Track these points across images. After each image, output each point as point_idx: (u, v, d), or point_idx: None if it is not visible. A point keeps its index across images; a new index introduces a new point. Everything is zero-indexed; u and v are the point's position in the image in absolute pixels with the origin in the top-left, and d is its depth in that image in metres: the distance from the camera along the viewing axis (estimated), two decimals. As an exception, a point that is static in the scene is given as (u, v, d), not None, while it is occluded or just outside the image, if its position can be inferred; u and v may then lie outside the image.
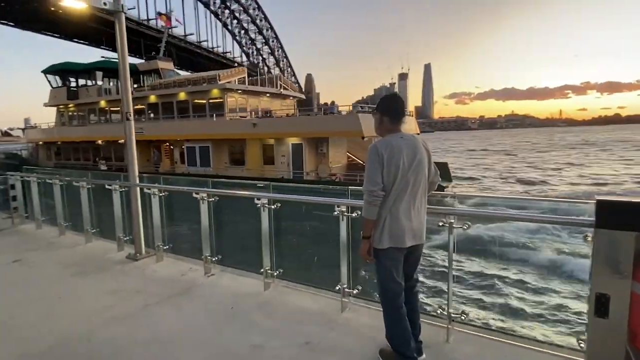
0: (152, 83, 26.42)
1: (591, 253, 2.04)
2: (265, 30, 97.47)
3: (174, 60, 32.08)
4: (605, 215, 1.98)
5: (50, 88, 30.67)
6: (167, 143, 24.67)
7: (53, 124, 31.82)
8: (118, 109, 27.10)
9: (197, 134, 21.83)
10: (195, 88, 22.83)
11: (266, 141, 20.03)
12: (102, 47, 53.90)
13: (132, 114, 4.98)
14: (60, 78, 30.18)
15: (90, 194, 5.93)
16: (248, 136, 20.13)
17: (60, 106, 30.55)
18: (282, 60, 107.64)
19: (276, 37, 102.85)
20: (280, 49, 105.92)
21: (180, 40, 60.39)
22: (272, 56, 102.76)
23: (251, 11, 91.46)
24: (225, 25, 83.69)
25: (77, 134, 28.82)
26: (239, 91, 22.85)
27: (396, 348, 2.43)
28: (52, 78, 30.35)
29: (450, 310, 2.80)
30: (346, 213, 3.19)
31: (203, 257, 4.33)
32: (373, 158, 2.33)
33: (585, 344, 2.23)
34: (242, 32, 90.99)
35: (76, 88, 30.00)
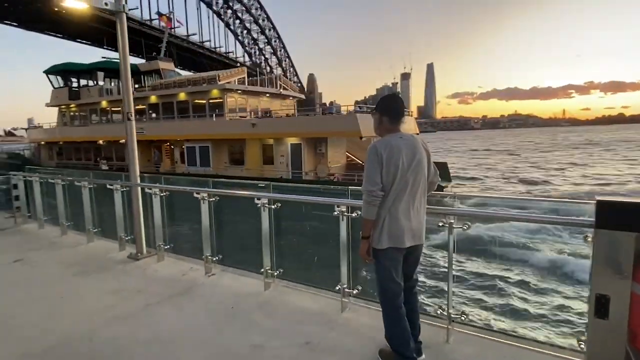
0: (153, 83, 26.48)
1: (591, 254, 2.03)
2: (267, 30, 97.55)
3: (175, 60, 32.12)
4: (605, 215, 1.98)
5: (52, 88, 30.79)
6: (168, 143, 24.73)
7: (55, 124, 31.95)
8: (119, 109, 27.17)
9: (197, 134, 21.89)
10: (195, 88, 22.88)
11: (265, 141, 20.07)
12: (105, 47, 54.01)
13: (134, 114, 5.00)
14: (62, 78, 30.28)
15: (92, 194, 5.96)
16: (247, 136, 20.18)
17: (62, 106, 30.65)
18: (285, 60, 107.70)
19: (278, 37, 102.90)
20: (282, 49, 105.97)
21: (182, 40, 60.50)
22: (275, 56, 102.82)
23: (253, 11, 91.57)
24: (227, 25, 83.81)
25: (79, 134, 28.92)
26: (239, 91, 22.89)
27: (395, 348, 2.42)
28: (54, 78, 30.46)
29: (450, 310, 2.79)
30: (346, 213, 3.19)
31: (204, 257, 4.34)
32: (372, 158, 2.33)
33: (585, 345, 2.22)
34: (245, 32, 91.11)
35: (78, 88, 30.08)
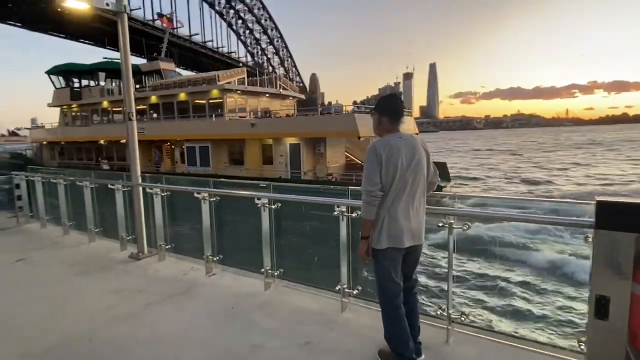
0: (154, 83, 26.56)
1: (591, 254, 2.02)
2: (270, 30, 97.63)
3: (175, 60, 32.19)
4: (605, 216, 1.97)
5: (53, 89, 30.90)
6: (168, 143, 24.79)
7: (57, 124, 32.06)
8: (120, 109, 27.26)
9: (197, 134, 21.97)
10: (195, 88, 22.95)
11: (265, 141, 20.13)
12: (107, 47, 54.13)
13: (135, 114, 5.01)
14: (63, 79, 30.37)
15: (93, 194, 5.97)
16: (247, 136, 20.24)
17: (63, 106, 30.74)
18: (287, 60, 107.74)
19: (281, 37, 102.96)
20: (285, 49, 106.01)
21: (185, 40, 60.63)
22: (277, 56, 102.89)
23: (256, 11, 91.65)
24: (230, 25, 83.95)
25: (80, 134, 29.02)
26: (238, 92, 22.95)
27: (395, 349, 2.42)
28: (56, 79, 30.56)
29: (450, 311, 2.78)
30: (346, 213, 3.19)
31: (204, 257, 4.35)
32: (371, 158, 2.32)
33: (585, 346, 2.21)
34: (247, 32, 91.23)
35: (79, 88, 30.14)
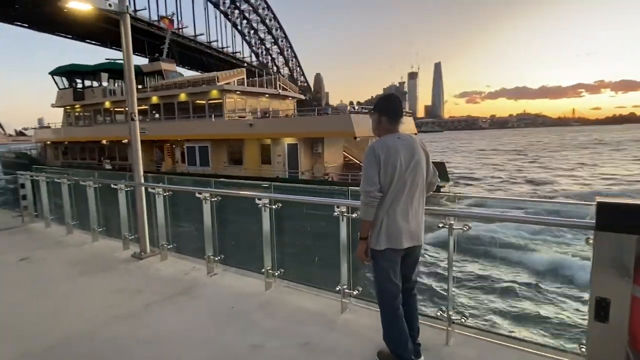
0: (154, 84, 26.73)
1: (592, 256, 2.00)
2: (274, 29, 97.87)
3: (177, 61, 32.35)
4: (605, 217, 1.95)
5: (57, 89, 31.12)
6: (169, 143, 24.97)
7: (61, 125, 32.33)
8: (122, 110, 27.48)
9: (197, 134, 22.15)
10: (195, 89, 23.11)
11: (264, 141, 20.26)
12: (113, 48, 54.49)
13: (137, 115, 5.03)
14: (66, 79, 30.54)
15: (97, 194, 6.01)
16: (246, 136, 20.39)
17: (67, 107, 30.93)
18: (292, 60, 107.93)
19: (285, 37, 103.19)
20: (289, 49, 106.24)
21: (190, 40, 60.92)
22: (282, 56, 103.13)
23: (260, 11, 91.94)
24: (235, 25, 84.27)
25: (83, 134, 29.21)
26: (238, 92, 23.06)
27: (394, 350, 2.41)
28: (59, 79, 30.72)
29: (450, 312, 2.77)
30: (346, 214, 3.18)
31: (206, 257, 4.36)
32: (370, 159, 2.31)
33: (585, 348, 2.19)
34: (252, 32, 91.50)
35: (82, 89, 30.31)
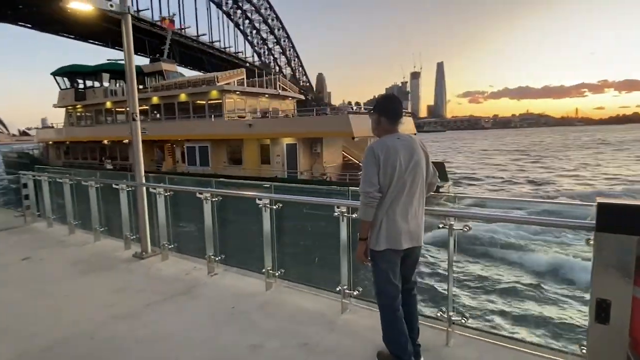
0: (155, 84, 26.78)
1: (592, 257, 1.99)
2: (276, 29, 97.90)
3: (177, 61, 32.44)
4: (606, 218, 1.93)
5: (59, 90, 31.21)
6: (170, 143, 25.05)
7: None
8: (123, 110, 27.53)
9: (197, 134, 22.23)
10: (195, 89, 23.18)
11: (263, 141, 20.32)
12: (116, 48, 54.61)
13: (138, 115, 5.04)
14: (68, 80, 30.63)
15: (98, 193, 6.03)
16: (245, 136, 20.44)
17: (68, 107, 31.00)
18: (294, 59, 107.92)
19: (288, 37, 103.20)
20: (292, 49, 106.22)
21: (192, 40, 61.00)
22: (284, 55, 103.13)
23: (263, 11, 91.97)
24: (237, 25, 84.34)
25: (84, 134, 29.29)
26: (237, 92, 23.10)
27: (393, 351, 2.40)
28: (61, 80, 30.79)
29: (450, 313, 2.76)
30: (346, 214, 3.18)
31: (206, 257, 4.36)
32: (369, 159, 2.31)
33: (586, 350, 2.18)
34: (254, 32, 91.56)
35: (83, 89, 30.39)
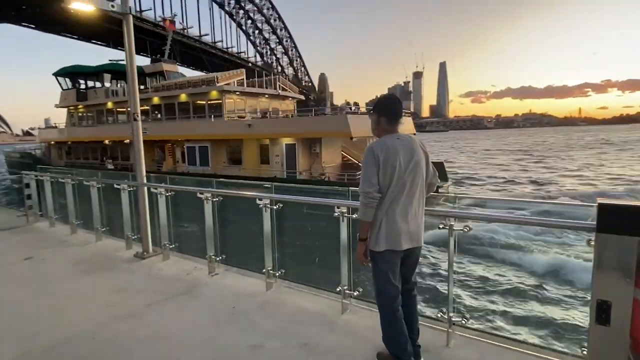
0: (156, 85, 26.87)
1: (593, 258, 1.98)
2: (279, 30, 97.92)
3: (178, 61, 32.52)
4: (607, 219, 1.92)
5: (60, 90, 31.33)
6: (170, 143, 25.12)
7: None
8: (124, 110, 27.66)
9: (197, 135, 22.32)
10: (195, 90, 23.25)
11: (262, 141, 20.38)
12: (118, 48, 54.75)
13: (140, 115, 5.05)
14: (70, 80, 30.74)
15: (100, 193, 6.04)
16: (245, 136, 20.51)
17: (70, 107, 31.14)
18: (296, 60, 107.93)
19: (290, 37, 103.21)
20: (294, 49, 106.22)
21: (195, 40, 61.10)
22: (286, 56, 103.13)
23: (265, 11, 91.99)
24: (239, 25, 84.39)
25: (86, 134, 29.41)
26: (237, 93, 23.15)
27: (393, 352, 2.40)
28: (63, 80, 30.92)
29: (450, 313, 2.75)
30: (347, 214, 3.17)
31: (207, 257, 4.37)
32: (369, 159, 2.30)
33: (587, 351, 2.17)
34: (256, 32, 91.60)
35: (85, 90, 30.50)
